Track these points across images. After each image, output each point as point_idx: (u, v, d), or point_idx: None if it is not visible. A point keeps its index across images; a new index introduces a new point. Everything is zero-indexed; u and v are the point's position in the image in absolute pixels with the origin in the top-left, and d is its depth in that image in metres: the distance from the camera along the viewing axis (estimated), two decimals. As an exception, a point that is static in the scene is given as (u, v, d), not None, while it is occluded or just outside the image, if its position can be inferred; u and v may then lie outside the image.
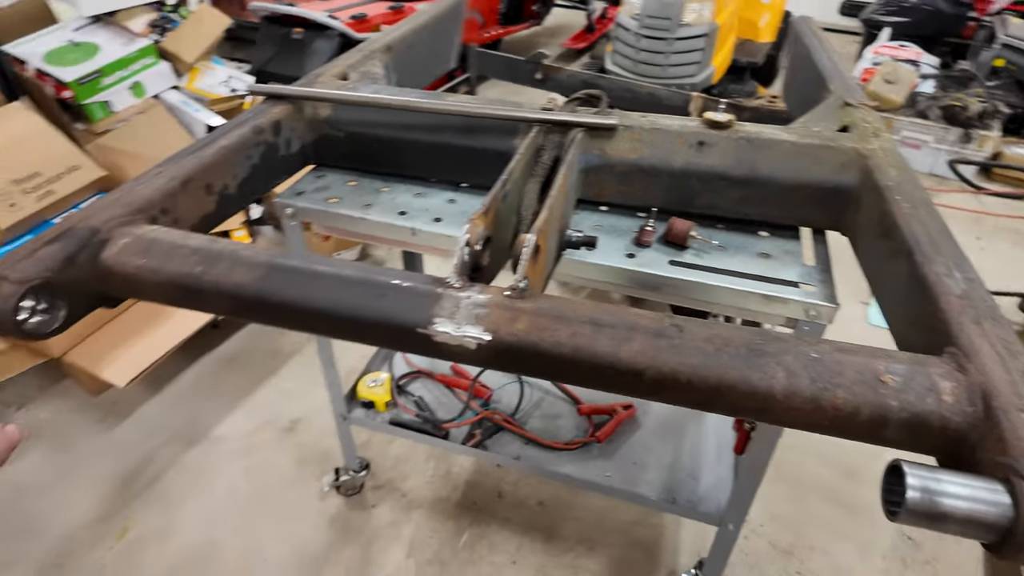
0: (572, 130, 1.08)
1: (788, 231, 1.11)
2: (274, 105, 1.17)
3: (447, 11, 1.98)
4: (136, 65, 2.76)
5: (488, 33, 4.68)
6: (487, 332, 0.67)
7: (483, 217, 0.80)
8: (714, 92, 3.78)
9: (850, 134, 1.07)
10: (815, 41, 1.64)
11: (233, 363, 2.27)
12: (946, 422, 0.57)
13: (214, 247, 0.79)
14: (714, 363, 0.63)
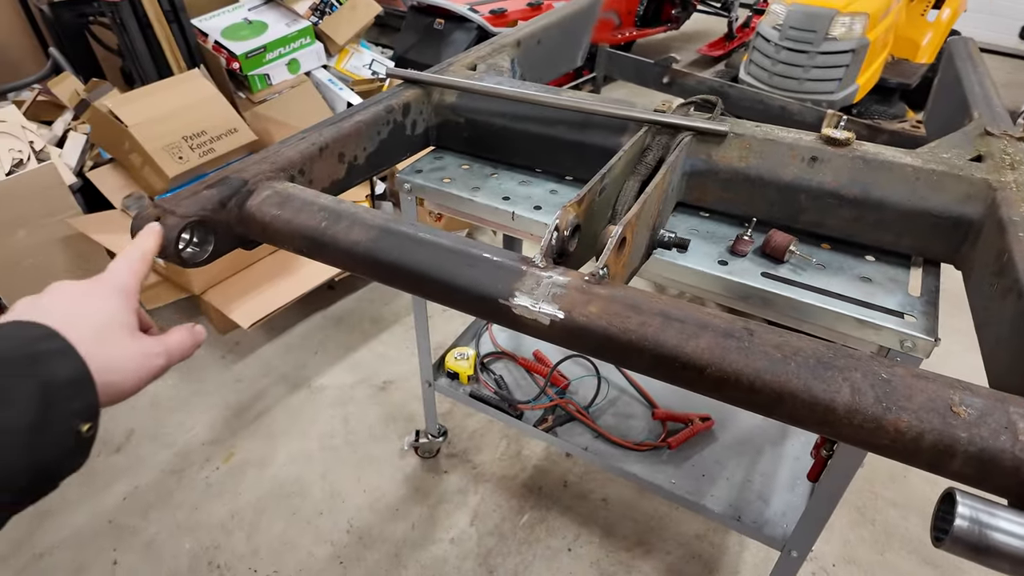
0: (681, 133, 1.10)
1: (898, 258, 1.06)
2: (407, 88, 1.28)
3: (581, 11, 2.02)
4: (295, 44, 3.06)
5: (622, 34, 4.67)
6: (561, 310, 0.72)
7: (576, 206, 0.84)
8: (854, 112, 3.56)
9: (983, 164, 1.01)
10: (968, 64, 1.52)
11: (341, 323, 2.48)
12: (1020, 463, 0.55)
13: (339, 207, 0.89)
14: (779, 369, 0.64)
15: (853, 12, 3.17)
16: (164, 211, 0.86)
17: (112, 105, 2.26)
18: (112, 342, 0.52)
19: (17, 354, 0.45)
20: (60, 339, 0.48)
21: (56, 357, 0.47)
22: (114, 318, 0.54)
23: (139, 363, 0.53)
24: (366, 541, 1.72)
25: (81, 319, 0.51)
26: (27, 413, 0.43)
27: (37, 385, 0.44)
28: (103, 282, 0.57)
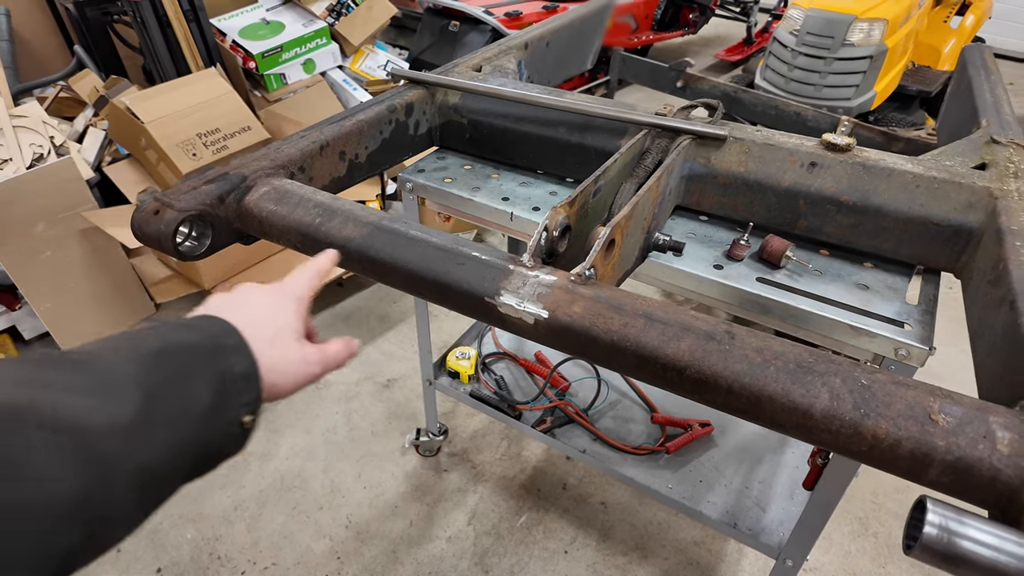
0: (680, 136, 1.10)
1: (897, 266, 1.05)
2: (411, 88, 1.30)
3: (591, 14, 2.03)
4: (311, 44, 3.10)
5: (639, 38, 4.65)
6: (545, 310, 0.73)
7: (566, 207, 0.85)
8: (872, 119, 3.51)
9: (987, 172, 0.99)
10: (980, 72, 1.50)
11: (348, 320, 2.50)
12: (997, 473, 0.55)
13: (334, 204, 0.91)
14: (758, 373, 0.64)
15: (871, 18, 3.13)
16: (163, 204, 0.88)
17: (129, 102, 2.30)
18: (281, 346, 0.57)
19: (206, 345, 0.51)
20: (239, 336, 0.53)
21: (234, 352, 0.52)
22: (287, 324, 0.59)
23: (299, 368, 0.58)
24: (364, 537, 1.73)
25: (260, 321, 0.56)
26: (206, 396, 0.48)
27: (217, 374, 0.50)
28: (283, 290, 0.62)
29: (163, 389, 0.46)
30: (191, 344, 0.50)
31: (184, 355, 0.49)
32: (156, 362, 0.47)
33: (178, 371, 0.48)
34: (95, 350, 0.47)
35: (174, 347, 0.49)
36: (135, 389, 0.44)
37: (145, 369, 0.46)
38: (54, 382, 0.42)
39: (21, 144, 2.33)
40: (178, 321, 0.54)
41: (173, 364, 0.48)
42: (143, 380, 0.45)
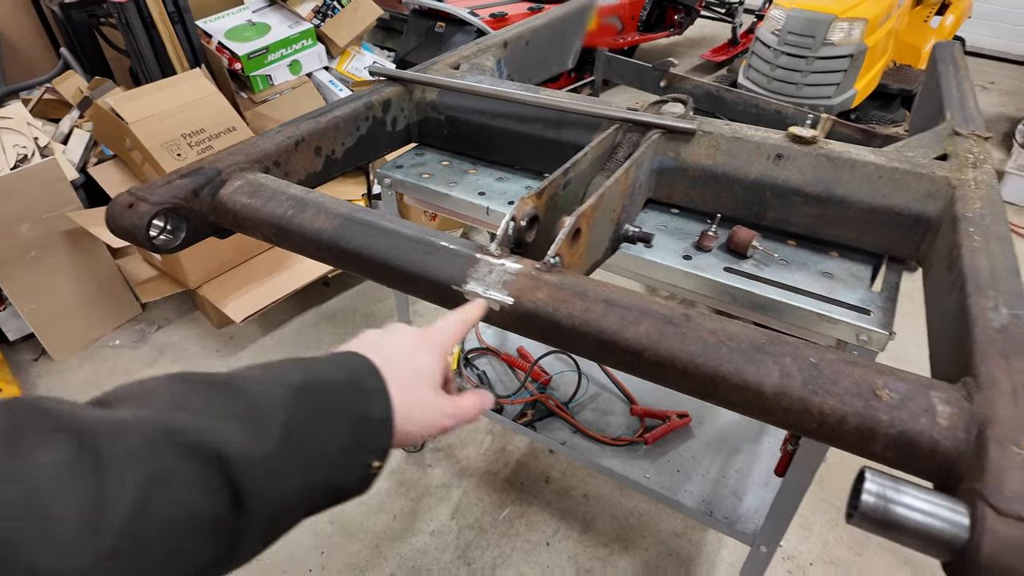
0: (651, 131, 1.12)
1: (862, 255, 1.07)
2: (388, 86, 1.31)
3: (572, 14, 2.05)
4: (297, 45, 3.11)
5: (625, 39, 4.69)
6: (510, 296, 0.75)
7: (534, 197, 0.87)
8: (853, 117, 3.55)
9: (947, 163, 1.02)
10: (949, 68, 1.53)
11: (334, 318, 2.51)
12: (936, 445, 0.57)
13: (307, 196, 0.92)
14: (712, 354, 0.66)
15: (852, 17, 3.17)
16: (136, 198, 0.89)
17: (114, 103, 2.31)
18: (418, 394, 0.56)
19: (348, 384, 0.51)
20: (380, 379, 0.53)
21: (374, 395, 0.52)
22: (426, 371, 0.58)
23: (431, 419, 0.56)
24: (348, 532, 1.74)
25: (403, 366, 0.56)
26: (341, 437, 0.49)
27: (355, 417, 0.50)
28: (430, 337, 0.61)
29: (303, 426, 0.47)
30: (335, 382, 0.50)
31: (327, 393, 0.49)
32: (300, 397, 0.48)
33: (319, 409, 0.48)
34: (246, 376, 0.49)
35: (319, 383, 0.49)
36: (278, 423, 0.45)
37: (289, 403, 0.47)
38: (206, 407, 0.44)
39: (5, 145, 2.32)
40: (327, 355, 0.54)
41: (316, 401, 0.48)
42: (286, 415, 0.46)
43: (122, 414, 0.42)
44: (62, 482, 0.36)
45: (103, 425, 0.40)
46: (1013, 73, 5.64)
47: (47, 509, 0.34)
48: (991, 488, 0.50)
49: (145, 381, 0.47)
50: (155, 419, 0.41)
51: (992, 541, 0.48)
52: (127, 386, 0.46)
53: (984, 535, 0.48)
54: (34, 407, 0.39)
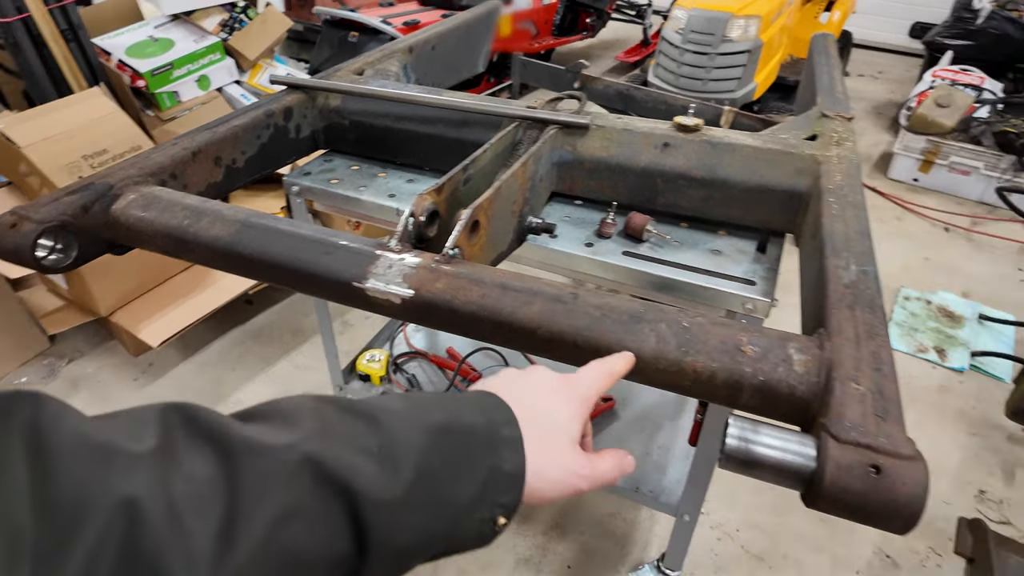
0: (547, 126, 1.17)
1: (747, 231, 1.15)
2: (289, 93, 1.31)
3: (478, 18, 2.09)
4: (204, 60, 3.02)
5: (540, 43, 4.79)
6: (410, 289, 0.77)
7: (433, 193, 0.89)
8: (755, 108, 3.77)
9: (815, 142, 1.11)
10: (823, 57, 1.66)
11: (259, 337, 2.46)
12: (793, 389, 0.63)
13: (203, 206, 0.92)
14: (597, 326, 0.71)
15: (747, 15, 3.37)
16: (20, 217, 0.87)
17: (3, 126, 2.18)
18: (554, 450, 0.52)
19: (485, 431, 0.48)
20: (516, 429, 0.50)
21: (508, 446, 0.49)
22: (566, 426, 0.54)
23: (564, 478, 0.52)
24: None
25: (542, 417, 0.52)
26: (471, 488, 0.46)
27: (487, 468, 0.47)
28: (572, 386, 0.57)
29: (436, 471, 0.45)
30: (472, 427, 0.48)
31: (464, 438, 0.47)
32: (437, 440, 0.46)
33: (454, 454, 0.46)
34: (388, 408, 0.47)
35: (457, 427, 0.47)
36: (411, 465, 0.43)
37: (426, 445, 0.45)
38: (347, 437, 0.43)
39: None
40: (468, 394, 0.52)
41: (451, 446, 0.46)
42: (421, 457, 0.44)
43: (268, 434, 0.41)
44: (203, 497, 0.36)
45: (249, 443, 0.39)
46: (899, 63, 6.10)
47: (183, 522, 0.34)
48: (833, 420, 0.57)
49: (292, 399, 0.46)
50: (299, 444, 0.40)
51: (834, 467, 0.54)
52: (274, 403, 0.45)
53: (828, 462, 0.54)
54: (189, 415, 0.40)
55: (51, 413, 0.36)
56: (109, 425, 0.38)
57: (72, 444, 0.35)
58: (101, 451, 0.35)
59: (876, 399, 0.58)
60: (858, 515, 0.53)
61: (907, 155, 3.64)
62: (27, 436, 0.34)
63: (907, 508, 0.51)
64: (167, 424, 0.39)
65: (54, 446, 0.34)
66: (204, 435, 0.39)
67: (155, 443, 0.37)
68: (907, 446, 0.54)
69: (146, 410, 0.40)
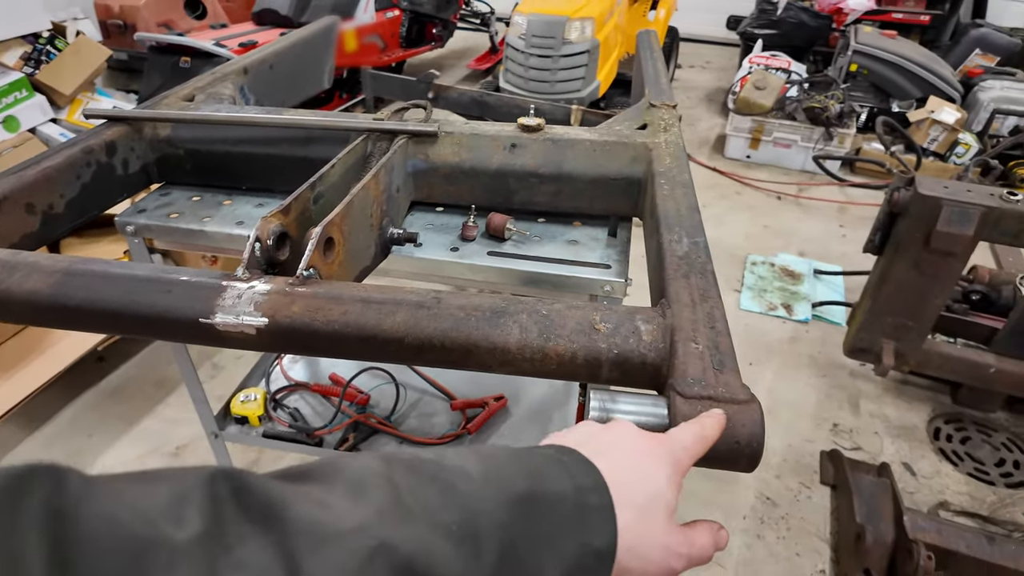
0: (397, 137, 1.16)
1: (599, 220, 1.22)
2: (110, 127, 1.20)
3: (316, 34, 2.04)
4: (8, 99, 2.70)
5: (389, 56, 4.77)
6: (263, 317, 0.74)
7: (279, 215, 0.86)
8: (602, 105, 4.00)
9: (645, 131, 1.20)
10: (648, 52, 1.80)
11: (116, 395, 2.23)
12: (644, 358, 0.68)
13: (15, 259, 0.82)
14: (462, 326, 0.72)
15: (582, 17, 3.57)
16: None
17: None
18: (650, 522, 0.44)
19: (572, 501, 0.41)
20: (607, 497, 0.42)
21: (597, 517, 0.41)
22: (662, 496, 0.46)
23: (661, 559, 0.44)
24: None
25: (631, 480, 0.44)
26: (557, 569, 0.39)
27: (575, 547, 0.40)
28: (664, 448, 0.49)
29: (519, 554, 0.38)
30: (559, 496, 0.41)
31: (550, 510, 0.40)
32: (522, 513, 0.39)
33: (539, 530, 0.39)
34: (462, 470, 0.40)
35: (542, 496, 0.40)
36: (494, 547, 0.37)
37: (509, 520, 0.38)
38: (421, 510, 0.37)
39: None
40: (544, 451, 0.44)
41: (538, 520, 0.39)
42: (504, 535, 0.38)
43: (332, 512, 0.34)
44: None
45: (312, 526, 0.33)
46: (722, 53, 6.75)
47: None
48: (678, 379, 0.62)
49: (357, 459, 0.39)
50: (370, 527, 0.34)
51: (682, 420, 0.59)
52: (336, 461, 0.39)
53: (676, 416, 0.59)
54: (240, 485, 0.33)
55: (75, 492, 0.29)
56: (146, 501, 0.31)
57: (102, 534, 0.28)
58: (137, 543, 0.29)
59: (713, 354, 0.64)
60: (710, 461, 0.59)
61: (738, 135, 4.04)
62: (46, 524, 0.27)
63: (748, 447, 0.57)
64: (215, 498, 0.32)
65: (80, 536, 0.28)
66: (259, 512, 0.33)
67: (201, 527, 0.31)
68: (743, 391, 0.60)
69: (190, 477, 0.34)
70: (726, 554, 1.70)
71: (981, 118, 3.99)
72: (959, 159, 3.82)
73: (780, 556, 1.70)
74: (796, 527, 1.77)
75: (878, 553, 1.59)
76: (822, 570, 1.67)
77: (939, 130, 3.84)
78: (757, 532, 1.76)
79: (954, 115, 3.84)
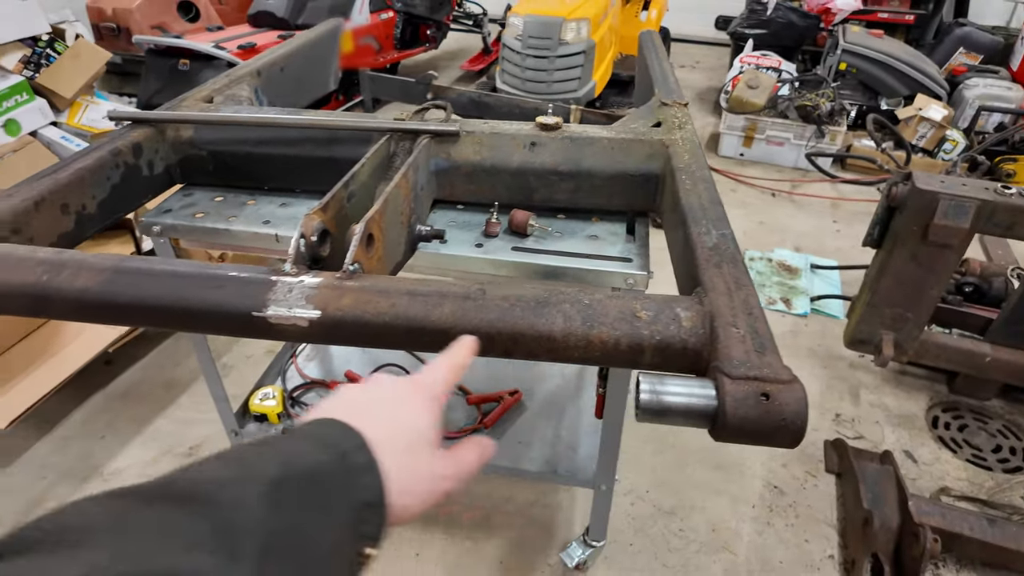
0: (420, 137, 1.19)
1: (617, 215, 1.26)
2: (135, 128, 1.22)
3: (322, 37, 2.06)
4: (8, 102, 2.69)
5: (384, 58, 4.78)
6: (316, 310, 0.76)
7: (320, 212, 0.89)
8: (597, 104, 4.04)
9: (660, 128, 1.24)
10: (652, 52, 1.84)
11: (127, 397, 2.23)
12: (685, 343, 0.71)
13: (61, 257, 0.84)
14: (507, 316, 0.75)
15: (578, 18, 3.61)
16: None
17: None
18: (415, 461, 0.47)
19: (334, 468, 0.42)
20: (370, 453, 0.44)
21: (364, 475, 0.43)
22: (423, 432, 0.49)
23: (430, 487, 0.47)
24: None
25: (393, 428, 0.47)
26: (331, 533, 0.40)
27: (347, 507, 0.42)
28: (419, 386, 0.52)
29: (285, 533, 0.38)
30: (317, 468, 0.41)
31: (310, 484, 0.41)
32: (279, 497, 0.39)
33: (303, 507, 0.39)
34: (209, 476, 0.39)
35: (298, 474, 0.40)
36: (254, 540, 0.36)
37: (265, 510, 0.38)
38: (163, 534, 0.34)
39: None
40: (302, 429, 0.45)
41: (298, 498, 0.40)
42: (263, 525, 0.37)
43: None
44: None
45: None
46: (711, 53, 6.82)
47: None
48: (724, 361, 0.65)
49: (76, 506, 0.35)
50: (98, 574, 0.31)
51: (732, 401, 0.62)
52: (52, 516, 0.34)
53: (726, 397, 0.62)
54: None
55: None
56: None
57: None
58: None
59: (753, 338, 0.68)
60: (756, 438, 0.62)
61: (731, 133, 4.10)
62: None
63: (794, 424, 0.61)
64: None
65: None
66: None
67: None
68: (786, 372, 0.63)
69: None
70: (738, 540, 1.75)
71: (967, 115, 4.08)
72: (947, 155, 3.90)
73: (790, 542, 1.75)
74: (804, 514, 1.82)
75: (885, 537, 1.63)
76: (831, 555, 1.72)
77: (927, 127, 3.92)
78: (767, 520, 1.80)
79: (941, 112, 3.92)
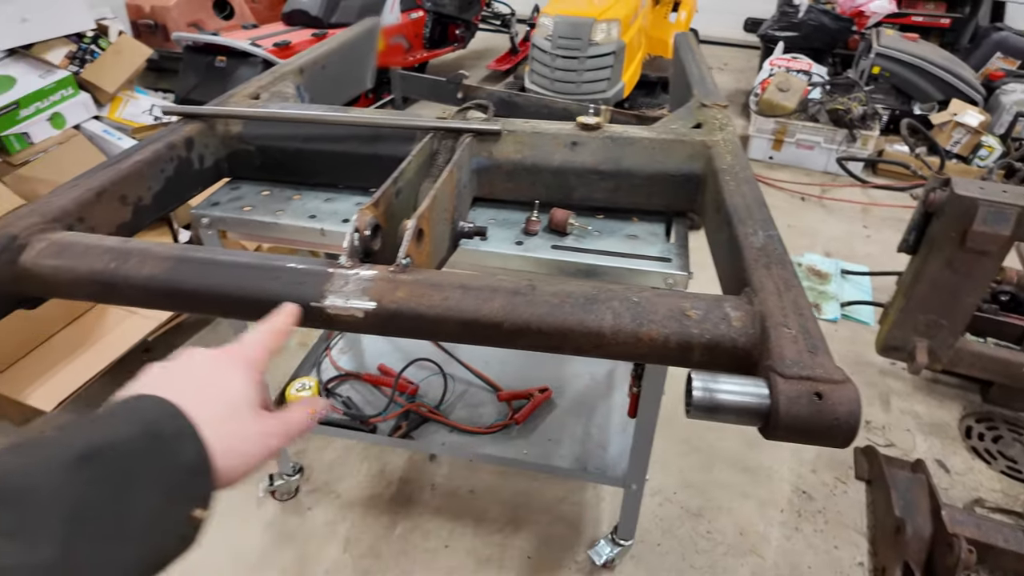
0: (462, 135, 1.21)
1: (656, 215, 1.27)
2: (187, 123, 1.26)
3: (360, 36, 2.10)
4: (55, 96, 2.77)
5: (414, 57, 4.82)
6: (372, 301, 0.79)
7: (372, 208, 0.91)
8: (626, 105, 4.04)
9: (701, 129, 1.25)
10: (688, 54, 1.84)
11: (165, 384, 2.29)
12: (735, 342, 0.72)
13: (126, 245, 0.87)
14: (557, 312, 0.76)
15: (608, 19, 3.61)
16: (-85, 282, 0.78)
17: None
18: (236, 423, 0.49)
19: (141, 438, 0.43)
20: (183, 419, 0.45)
21: (180, 440, 0.45)
22: (242, 395, 0.51)
23: (258, 444, 0.50)
24: (234, 601, 1.62)
25: (210, 396, 0.49)
26: (147, 502, 0.41)
27: (159, 473, 0.43)
28: (235, 354, 0.54)
29: (95, 507, 0.39)
30: (128, 440, 0.42)
31: (119, 456, 0.41)
32: (84, 472, 0.39)
33: (109, 479, 0.40)
34: (14, 461, 0.39)
35: (106, 447, 0.41)
36: (57, 519, 0.37)
37: (69, 486, 0.38)
38: None
39: None
40: (110, 408, 0.45)
41: (106, 471, 0.40)
42: (65, 504, 0.37)
43: None
44: None
45: None
46: (739, 55, 6.76)
47: None
48: (776, 361, 0.66)
49: None
50: None
51: (785, 400, 0.63)
52: None
53: (779, 396, 0.63)
54: None
55: None
56: None
57: None
58: None
59: (805, 338, 0.69)
60: (808, 437, 0.63)
61: (761, 136, 4.07)
62: None
63: (847, 423, 0.62)
64: None
65: None
66: None
67: None
68: (838, 372, 0.64)
69: None
70: (766, 544, 1.74)
71: (1004, 121, 4.00)
72: (982, 161, 3.83)
73: (819, 548, 1.74)
74: (833, 520, 1.81)
75: (917, 546, 1.62)
76: (860, 562, 1.70)
77: (962, 132, 3.85)
78: (795, 525, 1.79)
79: (977, 118, 3.85)
